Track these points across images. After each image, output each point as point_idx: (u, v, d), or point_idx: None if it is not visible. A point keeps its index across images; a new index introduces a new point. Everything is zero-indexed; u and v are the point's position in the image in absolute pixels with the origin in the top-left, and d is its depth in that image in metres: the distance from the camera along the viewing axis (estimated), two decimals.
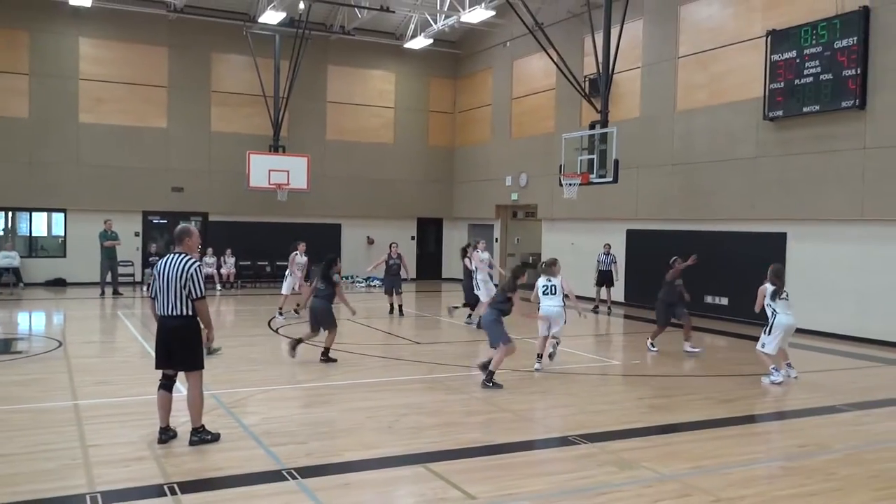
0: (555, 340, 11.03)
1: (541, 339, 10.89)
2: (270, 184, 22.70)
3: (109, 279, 20.35)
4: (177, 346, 6.70)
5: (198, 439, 6.72)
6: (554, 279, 10.83)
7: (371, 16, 23.31)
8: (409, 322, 16.24)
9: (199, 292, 6.66)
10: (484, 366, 9.60)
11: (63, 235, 22.77)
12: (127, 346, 12.76)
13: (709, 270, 15.97)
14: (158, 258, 13.11)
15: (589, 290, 18.42)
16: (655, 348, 12.44)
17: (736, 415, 8.51)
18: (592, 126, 17.02)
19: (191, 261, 6.71)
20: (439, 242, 28.21)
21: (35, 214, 22.86)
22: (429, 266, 27.57)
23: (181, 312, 6.65)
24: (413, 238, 27.24)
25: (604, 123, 16.71)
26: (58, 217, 22.84)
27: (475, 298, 15.05)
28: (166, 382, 6.86)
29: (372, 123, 26.35)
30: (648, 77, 19.03)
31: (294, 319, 15.54)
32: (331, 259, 11.14)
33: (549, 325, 10.79)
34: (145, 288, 20.80)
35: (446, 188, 27.66)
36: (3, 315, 16.23)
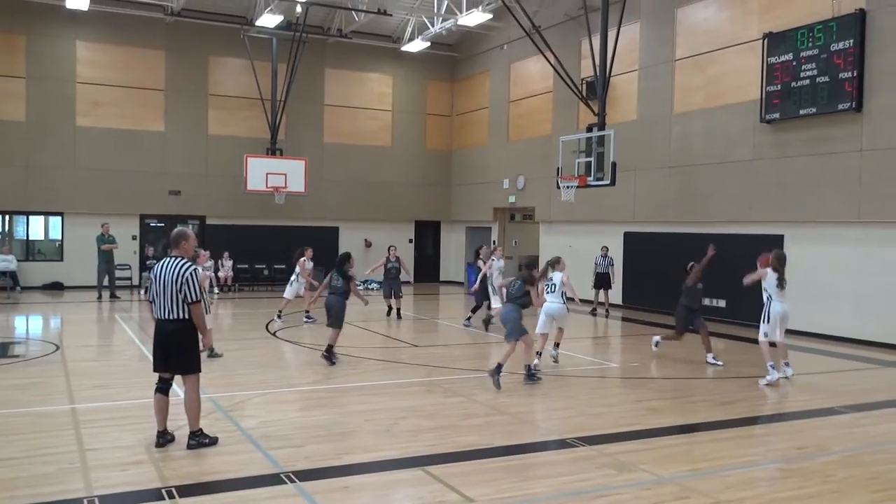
0: (556, 348, 11.39)
1: (540, 338, 10.96)
2: (268, 187, 22.71)
3: (107, 283, 20.33)
4: (173, 350, 6.71)
5: (195, 443, 6.72)
6: (556, 278, 11.03)
7: (368, 19, 23.33)
8: (408, 325, 16.23)
9: (194, 296, 6.66)
10: (497, 369, 9.55)
11: (60, 239, 22.74)
12: (124, 350, 12.74)
13: (706, 273, 15.95)
14: (156, 261, 13.09)
15: (587, 293, 18.42)
16: (657, 348, 12.35)
17: (734, 417, 8.52)
18: (590, 129, 17.06)
19: (186, 265, 6.71)
20: (437, 245, 28.21)
21: (32, 218, 22.82)
22: (427, 269, 27.56)
23: (178, 316, 6.66)
24: (411, 241, 27.23)
25: (601, 126, 16.74)
26: (55, 221, 22.81)
27: (482, 300, 15.47)
28: (163, 386, 6.86)
29: (369, 126, 26.36)
30: (645, 80, 19.06)
31: (291, 323, 15.54)
32: (345, 255, 11.60)
33: (552, 323, 11.01)
34: (143, 291, 20.78)
35: (444, 191, 27.67)
36: (1, 319, 16.20)
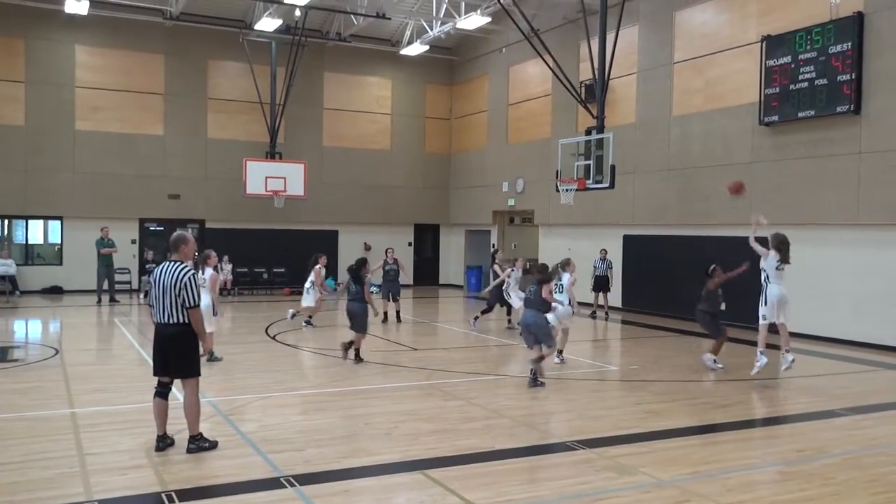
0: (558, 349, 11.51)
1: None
2: (267, 191, 22.71)
3: (106, 287, 20.32)
4: (173, 354, 6.71)
5: (195, 447, 6.71)
6: (564, 279, 11.31)
7: (367, 22, 23.34)
8: (407, 328, 16.22)
9: (193, 301, 6.66)
10: (534, 378, 9.83)
11: (59, 243, 22.73)
12: (124, 354, 12.73)
13: (705, 275, 15.95)
14: (155, 265, 13.08)
15: (586, 296, 18.42)
16: (720, 364, 11.40)
17: (734, 420, 8.52)
18: (589, 131, 17.07)
19: (186, 269, 6.71)
20: (436, 248, 28.22)
21: (31, 222, 22.81)
22: (426, 272, 27.55)
23: (177, 320, 6.66)
24: (410, 244, 27.22)
25: (600, 129, 16.75)
26: (54, 225, 22.80)
27: (494, 303, 15.84)
28: (162, 390, 6.85)
29: (368, 130, 26.37)
30: (644, 82, 19.08)
31: (291, 326, 15.53)
32: (361, 261, 11.69)
33: (558, 324, 11.23)
34: (142, 295, 20.78)
35: (443, 194, 27.68)
36: (0, 323, 16.19)
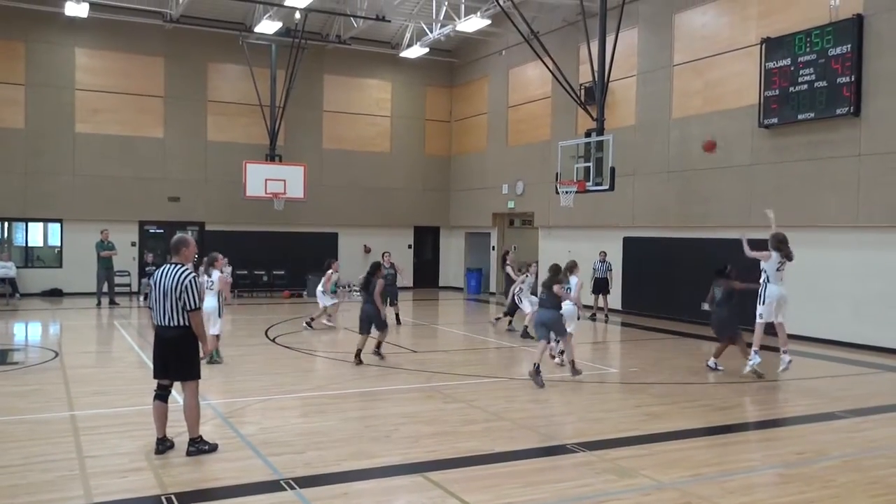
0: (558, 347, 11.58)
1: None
2: (267, 193, 22.72)
3: (106, 289, 20.32)
4: (173, 357, 6.71)
5: (195, 449, 6.71)
6: (572, 282, 11.48)
7: (367, 25, 23.36)
8: (407, 331, 16.20)
9: (194, 304, 6.66)
10: (537, 370, 9.99)
11: (59, 246, 22.72)
12: (124, 357, 12.72)
13: (705, 277, 15.96)
14: (155, 268, 13.09)
15: (586, 298, 18.39)
16: (721, 367, 11.31)
17: (734, 422, 8.53)
18: (588, 134, 17.07)
19: (187, 272, 6.71)
20: (436, 251, 28.23)
21: (31, 225, 22.81)
22: (426, 274, 27.55)
23: (178, 323, 6.66)
24: (410, 247, 27.23)
25: (600, 131, 16.76)
26: (54, 227, 22.80)
27: (514, 309, 15.86)
28: (161, 393, 6.84)
29: (368, 132, 26.39)
30: (644, 85, 19.09)
31: (290, 329, 15.53)
32: (375, 265, 12.01)
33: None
34: (142, 298, 20.78)
35: (443, 196, 27.69)
36: (0, 326, 16.18)
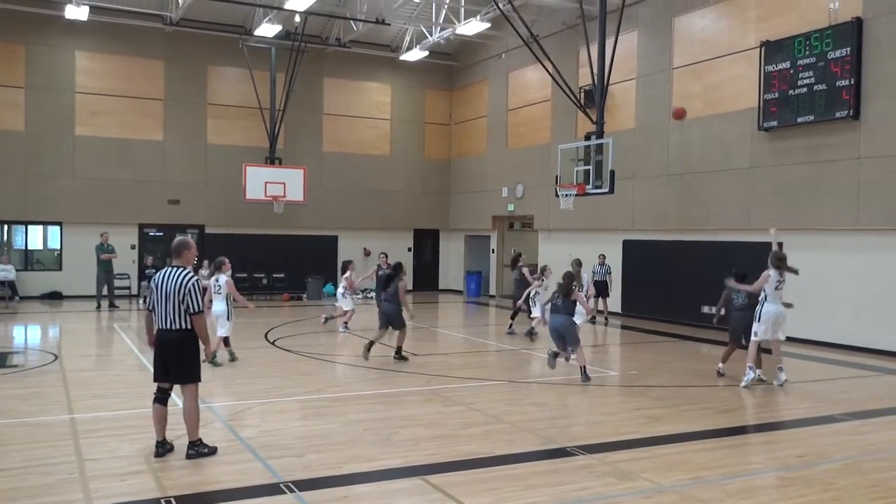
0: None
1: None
2: (267, 196, 22.71)
3: (106, 292, 20.31)
4: (173, 360, 6.71)
5: (195, 452, 6.70)
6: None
7: (367, 28, 23.38)
8: (407, 333, 16.14)
9: (197, 307, 6.67)
10: (553, 355, 10.54)
11: (59, 248, 22.72)
12: (123, 360, 12.72)
13: (705, 281, 16.00)
14: (155, 271, 13.09)
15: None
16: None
17: (734, 425, 8.53)
18: (588, 137, 17.07)
19: (188, 275, 6.72)
20: (436, 254, 28.23)
21: (31, 227, 22.82)
22: (426, 277, 27.55)
23: (179, 326, 6.66)
24: (410, 250, 27.23)
25: (599, 134, 16.76)
26: (54, 230, 22.80)
27: (518, 310, 15.98)
28: (161, 396, 6.84)
29: (368, 135, 26.40)
30: (643, 88, 19.11)
31: (290, 331, 15.52)
32: (398, 265, 12.45)
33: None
34: (142, 301, 20.76)
35: (443, 199, 27.70)
36: (0, 329, 16.21)
